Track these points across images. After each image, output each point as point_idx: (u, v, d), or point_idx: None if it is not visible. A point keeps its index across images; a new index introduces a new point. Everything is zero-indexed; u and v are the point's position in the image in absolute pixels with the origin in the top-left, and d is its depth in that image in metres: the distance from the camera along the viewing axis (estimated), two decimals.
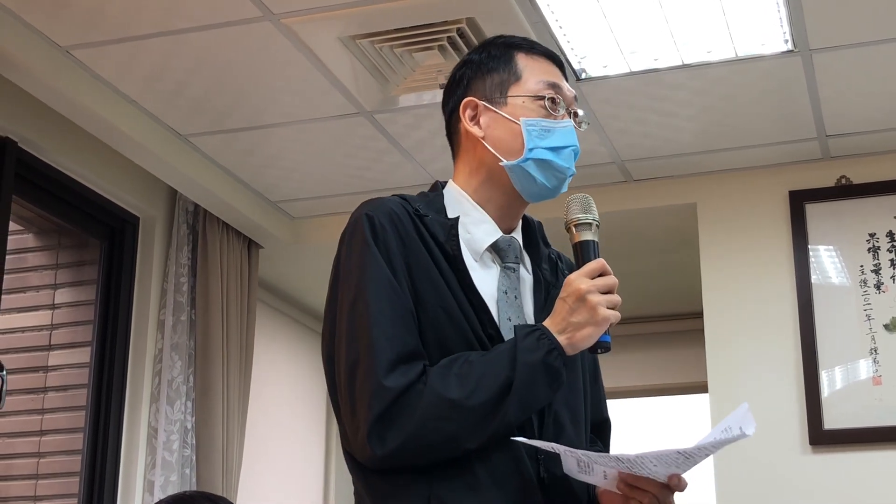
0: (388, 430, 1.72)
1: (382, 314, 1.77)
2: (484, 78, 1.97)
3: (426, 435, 1.71)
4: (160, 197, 4.62)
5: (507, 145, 1.92)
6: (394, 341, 1.75)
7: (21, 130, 3.89)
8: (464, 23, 3.50)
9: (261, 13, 3.47)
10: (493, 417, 1.72)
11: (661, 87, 3.93)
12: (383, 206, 1.88)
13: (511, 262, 1.93)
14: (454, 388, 1.72)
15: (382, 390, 1.72)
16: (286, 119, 4.16)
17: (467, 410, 1.71)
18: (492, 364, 1.75)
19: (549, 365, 1.74)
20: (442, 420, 1.71)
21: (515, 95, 1.94)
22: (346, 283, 1.83)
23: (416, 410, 1.71)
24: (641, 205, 4.71)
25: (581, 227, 1.85)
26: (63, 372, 4.43)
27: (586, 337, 1.77)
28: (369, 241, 1.82)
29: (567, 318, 1.77)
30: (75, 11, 3.46)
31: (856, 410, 4.20)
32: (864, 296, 4.28)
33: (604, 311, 1.76)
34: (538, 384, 1.74)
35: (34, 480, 4.36)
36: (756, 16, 3.51)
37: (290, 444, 5.69)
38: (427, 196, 1.98)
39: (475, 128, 1.95)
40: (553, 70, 1.99)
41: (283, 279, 5.50)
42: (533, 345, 1.75)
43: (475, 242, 1.91)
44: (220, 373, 4.54)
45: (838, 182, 4.44)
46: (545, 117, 1.92)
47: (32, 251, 4.58)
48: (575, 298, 1.77)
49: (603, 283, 1.78)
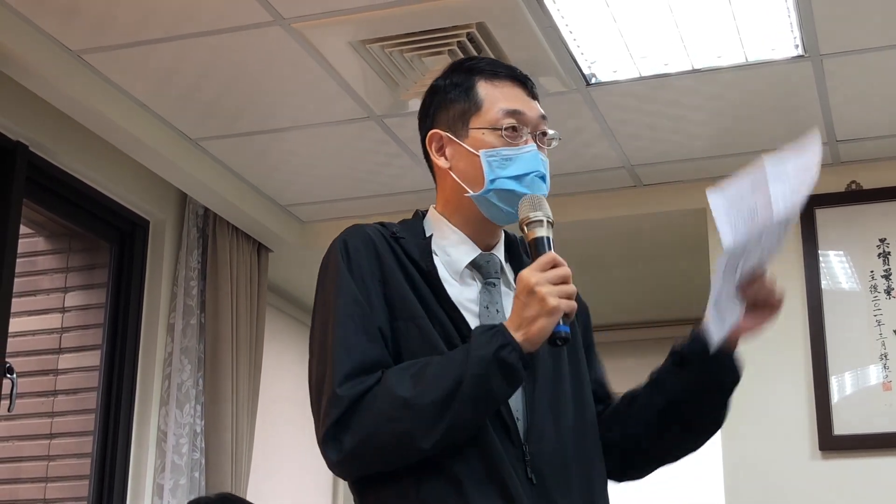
0: (344, 433, 1.76)
1: (346, 330, 1.81)
2: (447, 109, 1.99)
3: (379, 435, 1.74)
4: (170, 200, 4.63)
5: (471, 176, 1.94)
6: (353, 354, 1.79)
7: (32, 134, 3.90)
8: (474, 27, 3.50)
9: (271, 18, 3.48)
10: (445, 414, 1.72)
11: (670, 91, 3.92)
12: (359, 230, 1.93)
13: (492, 278, 1.95)
14: (407, 387, 1.74)
15: (336, 399, 1.76)
16: (296, 123, 4.17)
17: (418, 408, 1.72)
18: (445, 365, 1.76)
19: (502, 360, 1.73)
20: (394, 420, 1.73)
21: (476, 128, 1.95)
22: (318, 305, 1.89)
23: (370, 413, 1.75)
24: (651, 210, 4.71)
25: (532, 225, 1.85)
26: (73, 375, 4.43)
27: (540, 329, 1.74)
28: (340, 264, 1.87)
29: (521, 314, 1.76)
30: (86, 16, 3.47)
31: (866, 416, 4.19)
32: (875, 301, 4.27)
33: (553, 301, 1.74)
34: (491, 379, 1.72)
35: (44, 483, 4.37)
36: (766, 21, 3.51)
37: (299, 447, 5.69)
38: (407, 222, 2.01)
39: (441, 160, 1.98)
40: (515, 93, 1.98)
41: (292, 283, 5.50)
42: (486, 341, 1.75)
43: (454, 263, 1.93)
44: (229, 376, 4.54)
45: (848, 187, 4.43)
46: (506, 146, 1.93)
47: (43, 255, 4.59)
48: (525, 293, 1.76)
49: (553, 275, 1.77)
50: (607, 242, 5.09)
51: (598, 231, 4.90)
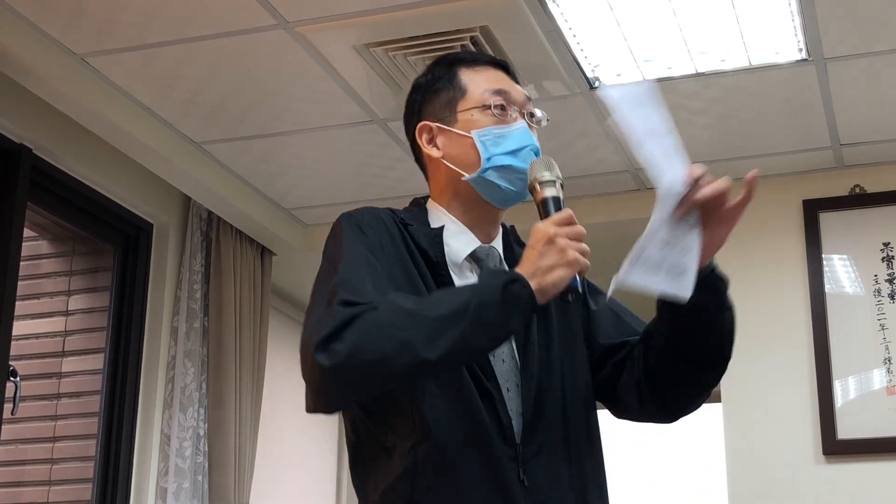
0: (337, 341, 1.66)
1: (352, 275, 1.76)
2: (432, 100, 2.00)
3: (378, 339, 1.65)
4: (174, 204, 4.63)
5: (465, 160, 1.93)
6: (357, 291, 1.72)
7: (36, 137, 3.91)
8: (477, 31, 3.50)
9: (275, 21, 3.48)
10: (452, 329, 1.65)
11: (674, 95, 3.92)
12: (369, 210, 1.90)
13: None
14: (411, 302, 1.70)
15: (337, 312, 1.69)
16: (300, 127, 4.17)
17: (423, 318, 1.66)
18: (454, 291, 1.76)
19: (512, 292, 1.68)
20: (396, 328, 1.66)
21: (464, 110, 1.95)
22: (323, 268, 1.84)
23: (369, 321, 1.67)
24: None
25: (545, 185, 1.83)
26: (76, 378, 4.44)
27: (557, 280, 1.70)
28: (350, 230, 1.84)
29: (536, 263, 1.71)
30: (90, 19, 3.48)
31: (870, 420, 4.19)
32: (878, 305, 4.27)
33: (573, 253, 1.72)
34: (500, 307, 1.67)
35: (47, 487, 4.37)
36: (770, 24, 3.51)
37: (302, 452, 5.70)
38: (411, 210, 2.00)
39: (433, 150, 1.98)
40: (499, 76, 1.99)
41: (295, 286, 5.50)
42: (497, 273, 1.75)
43: (454, 254, 1.91)
44: (232, 380, 4.54)
45: (852, 191, 4.43)
46: (496, 124, 1.93)
47: (46, 258, 4.60)
48: (544, 242, 1.72)
49: (572, 231, 1.75)
50: (611, 246, 5.04)
51: (601, 235, 4.88)
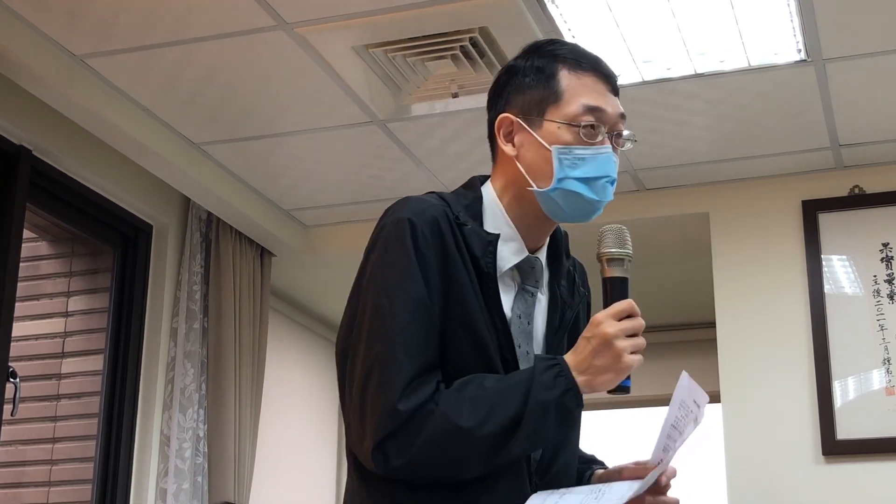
0: (394, 448, 1.69)
1: (408, 330, 1.73)
2: (523, 92, 1.88)
3: (431, 458, 1.69)
4: (173, 205, 4.63)
5: (538, 170, 1.85)
6: (413, 359, 1.71)
7: (35, 139, 3.91)
8: (476, 32, 3.50)
9: (274, 22, 3.48)
10: (500, 450, 1.69)
11: (673, 96, 3.93)
12: (426, 212, 1.80)
13: (530, 286, 1.88)
14: (466, 414, 1.69)
15: (395, 413, 1.69)
16: (299, 128, 4.17)
17: (475, 440, 1.68)
18: (505, 395, 1.70)
19: (563, 405, 1.70)
20: (449, 446, 1.68)
21: (552, 120, 1.85)
22: (375, 284, 1.77)
23: (423, 432, 1.68)
24: (654, 214, 4.71)
25: (613, 263, 1.77)
26: (76, 379, 4.44)
27: (606, 381, 1.72)
28: (409, 250, 1.75)
29: (589, 360, 1.71)
30: (90, 21, 3.48)
31: (869, 421, 4.19)
32: (878, 306, 4.27)
33: (628, 359, 1.71)
34: (549, 423, 1.70)
35: (47, 488, 4.37)
36: (769, 25, 3.51)
37: (302, 452, 5.70)
38: (465, 197, 1.90)
39: (508, 146, 1.88)
40: (599, 88, 1.89)
41: (295, 287, 5.50)
42: (550, 382, 1.70)
43: (500, 259, 1.84)
44: (232, 381, 4.54)
45: (851, 191, 4.43)
46: (580, 144, 1.84)
47: (46, 259, 4.60)
48: (600, 341, 1.71)
49: (630, 327, 1.73)
50: None
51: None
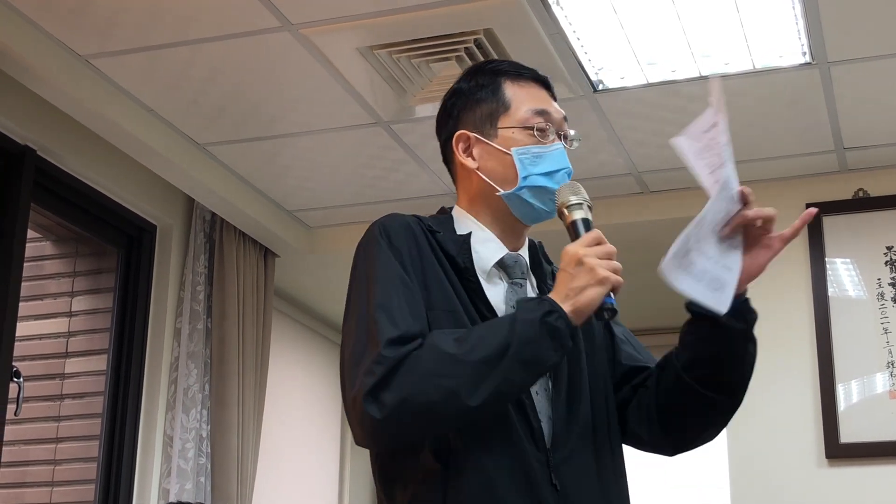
0: (385, 391, 1.70)
1: (390, 301, 1.79)
2: (473, 109, 2.01)
3: (425, 391, 1.70)
4: (177, 205, 4.63)
5: (501, 175, 1.96)
6: (398, 323, 1.76)
7: (39, 139, 3.91)
8: (481, 34, 3.50)
9: (279, 23, 3.48)
10: (494, 371, 1.70)
11: (678, 98, 3.92)
12: (397, 217, 1.93)
13: (518, 278, 1.95)
14: (452, 345, 1.72)
15: (381, 359, 1.72)
16: (303, 129, 4.17)
17: (466, 364, 1.70)
18: (492, 327, 1.77)
19: (550, 324, 1.73)
20: (440, 375, 1.70)
21: (505, 127, 1.98)
22: (357, 284, 1.87)
23: (414, 370, 1.71)
24: (658, 216, 4.70)
25: (573, 208, 1.88)
26: (79, 379, 4.44)
27: (590, 299, 1.76)
28: (382, 244, 1.87)
29: (568, 285, 1.76)
30: (94, 21, 3.48)
31: (872, 424, 4.18)
32: (882, 309, 4.26)
33: (603, 271, 1.76)
34: (539, 342, 1.72)
35: (50, 488, 4.37)
36: (774, 28, 3.51)
37: (305, 453, 5.70)
38: (437, 218, 2.02)
39: (469, 160, 2.00)
40: (541, 94, 2.03)
41: (298, 288, 5.50)
42: (533, 307, 1.75)
43: (482, 260, 1.93)
44: (235, 381, 4.55)
45: (856, 195, 4.43)
46: (535, 144, 1.97)
47: (50, 259, 4.60)
48: (573, 264, 1.77)
49: (602, 250, 1.80)
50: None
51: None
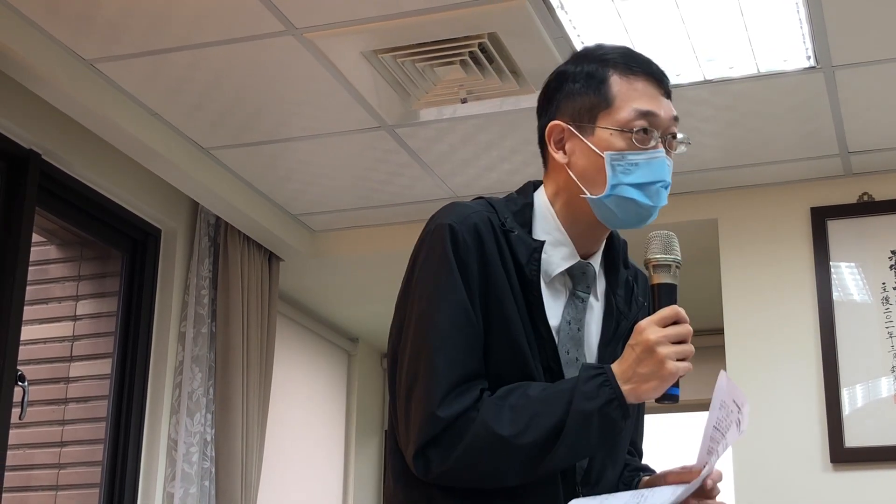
0: (435, 455, 1.70)
1: (450, 337, 1.73)
2: (574, 99, 1.87)
3: (472, 466, 1.69)
4: (182, 209, 4.64)
5: (590, 177, 1.84)
6: (454, 367, 1.72)
7: (45, 143, 3.92)
8: (485, 38, 3.50)
9: (283, 27, 3.49)
10: (540, 460, 1.68)
11: (682, 102, 3.92)
12: (469, 219, 1.80)
13: (581, 291, 1.87)
14: (506, 423, 1.68)
15: (434, 419, 1.69)
16: (308, 132, 4.18)
17: (515, 449, 1.68)
18: (548, 403, 1.69)
19: (606, 415, 1.68)
20: (489, 454, 1.68)
21: (604, 127, 1.83)
22: (419, 291, 1.79)
23: (464, 439, 1.69)
24: (662, 220, 4.59)
25: (659, 269, 1.76)
26: (84, 383, 4.44)
27: (651, 389, 1.69)
28: (450, 257, 1.76)
29: (634, 368, 1.69)
30: (100, 25, 3.49)
31: (877, 428, 4.18)
32: (886, 313, 4.26)
33: (672, 365, 1.68)
34: (591, 433, 1.68)
35: (54, 491, 4.37)
36: (778, 32, 3.51)
37: (309, 457, 5.70)
38: (516, 203, 1.89)
39: (560, 153, 1.87)
40: (651, 91, 1.86)
41: (303, 292, 5.51)
42: (593, 392, 1.68)
43: (549, 265, 1.84)
44: (240, 385, 4.55)
45: (860, 199, 4.43)
46: (633, 150, 1.83)
47: (55, 263, 4.61)
48: (643, 349, 1.69)
49: (674, 333, 1.70)
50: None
51: None
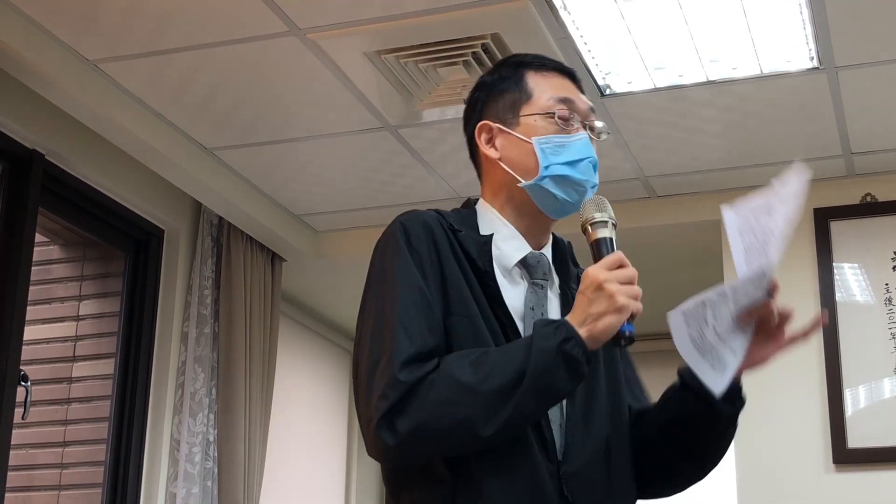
0: (399, 417, 1.70)
1: (407, 315, 1.76)
2: (496, 100, 1.97)
3: (438, 419, 1.69)
4: (185, 210, 4.64)
5: (523, 165, 1.92)
6: (414, 339, 1.74)
7: (48, 143, 3.92)
8: (489, 38, 3.50)
9: (287, 28, 3.49)
10: (507, 402, 1.68)
11: (685, 103, 3.92)
12: (418, 216, 1.87)
13: (539, 279, 1.91)
14: (467, 373, 1.70)
15: (396, 382, 1.70)
16: (311, 133, 4.18)
17: (480, 394, 1.68)
18: (507, 352, 1.73)
19: (566, 353, 1.69)
20: (454, 404, 1.69)
21: (527, 115, 1.93)
22: (375, 286, 1.83)
23: (427, 396, 1.70)
24: (665, 221, 4.70)
25: (597, 226, 1.82)
26: (87, 383, 4.45)
27: (607, 326, 1.71)
28: (402, 247, 1.82)
29: (586, 310, 1.72)
30: (103, 26, 3.49)
31: (880, 429, 4.17)
32: (889, 314, 4.25)
33: (622, 299, 1.71)
34: (554, 372, 1.69)
35: (57, 491, 4.38)
36: (782, 33, 3.51)
37: (311, 457, 5.70)
38: (460, 213, 1.97)
39: (491, 150, 1.95)
40: (565, 84, 1.97)
41: (306, 292, 5.51)
42: (550, 333, 1.71)
43: (504, 258, 1.90)
44: (242, 385, 4.55)
45: (863, 199, 4.42)
46: (558, 133, 1.91)
47: (58, 263, 4.61)
48: (593, 289, 1.72)
49: (622, 274, 1.74)
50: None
51: None
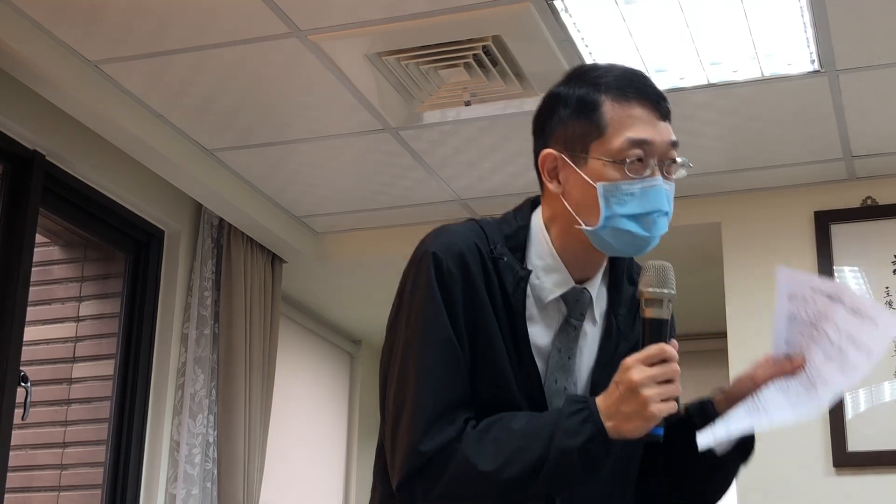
0: (418, 487, 1.72)
1: (434, 370, 1.73)
2: (566, 126, 1.80)
3: (454, 499, 1.71)
4: (185, 211, 4.64)
5: (585, 207, 1.77)
6: (438, 399, 1.72)
7: (49, 144, 3.92)
8: (490, 41, 3.50)
9: (288, 30, 3.49)
10: (521, 493, 1.68)
11: (686, 106, 3.92)
12: (454, 247, 1.77)
13: (574, 319, 1.82)
14: (488, 457, 1.68)
15: (417, 454, 1.70)
16: (311, 135, 4.18)
17: (496, 483, 1.68)
18: (529, 438, 1.68)
19: (588, 452, 1.65)
20: (470, 488, 1.69)
21: (596, 157, 1.77)
22: (405, 321, 1.78)
23: (446, 472, 1.70)
24: None
25: (651, 303, 1.70)
26: (87, 384, 4.45)
27: (633, 429, 1.65)
28: (433, 287, 1.74)
29: (617, 406, 1.65)
30: (104, 26, 3.49)
31: (880, 433, 4.17)
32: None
33: (654, 407, 1.63)
34: (573, 468, 1.66)
35: (56, 492, 4.38)
36: (782, 36, 3.51)
37: (311, 459, 5.70)
38: (510, 224, 1.85)
39: (553, 183, 1.81)
40: (645, 117, 1.82)
41: (306, 294, 5.51)
42: (575, 428, 1.66)
43: (542, 291, 1.81)
44: (242, 387, 4.55)
45: (864, 203, 4.42)
46: (627, 180, 1.76)
47: (58, 263, 4.61)
48: (626, 388, 1.64)
49: (660, 373, 1.65)
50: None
51: None
